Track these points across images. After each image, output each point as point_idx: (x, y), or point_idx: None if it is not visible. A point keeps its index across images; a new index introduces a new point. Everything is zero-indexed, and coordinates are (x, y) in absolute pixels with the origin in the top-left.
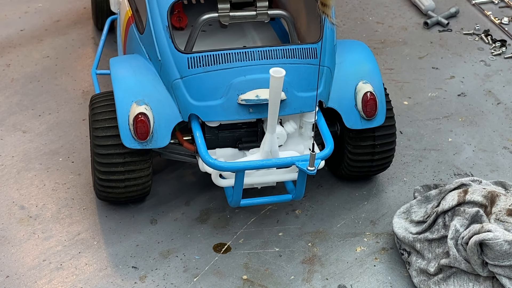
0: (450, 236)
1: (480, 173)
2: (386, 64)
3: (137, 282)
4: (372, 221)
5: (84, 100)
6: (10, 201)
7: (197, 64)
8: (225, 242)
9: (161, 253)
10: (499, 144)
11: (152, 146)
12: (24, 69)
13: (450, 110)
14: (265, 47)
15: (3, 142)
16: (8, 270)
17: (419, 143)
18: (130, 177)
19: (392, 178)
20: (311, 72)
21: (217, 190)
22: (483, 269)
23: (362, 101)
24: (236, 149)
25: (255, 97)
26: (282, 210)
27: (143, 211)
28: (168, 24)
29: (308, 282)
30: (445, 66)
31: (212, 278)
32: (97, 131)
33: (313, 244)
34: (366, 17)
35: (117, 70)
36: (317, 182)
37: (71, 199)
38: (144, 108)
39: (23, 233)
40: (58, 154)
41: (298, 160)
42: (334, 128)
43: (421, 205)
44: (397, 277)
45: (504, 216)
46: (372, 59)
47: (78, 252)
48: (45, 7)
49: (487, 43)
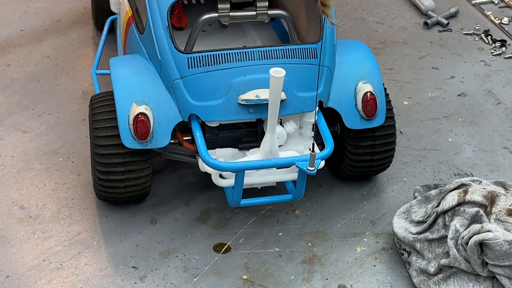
0: (450, 236)
1: (480, 173)
2: (386, 64)
3: (137, 282)
4: (372, 221)
5: (84, 100)
6: (10, 201)
7: (197, 64)
8: (225, 242)
9: (161, 253)
10: (499, 144)
11: (152, 146)
12: (24, 69)
13: (450, 110)
14: (265, 47)
15: (3, 142)
16: (8, 270)
17: (419, 143)
18: (130, 177)
19: (392, 178)
20: (311, 72)
21: (217, 190)
22: (483, 269)
23: (362, 101)
24: (236, 149)
25: (255, 97)
26: (282, 210)
27: (143, 211)
28: (168, 24)
29: (308, 282)
30: (445, 66)
31: (212, 278)
32: (97, 131)
33: (313, 244)
34: (366, 17)
35: (117, 70)
36: (317, 182)
37: (71, 199)
38: (144, 108)
39: (23, 233)
40: (58, 154)
41: (298, 160)
42: (334, 128)
43: (421, 205)
44: (397, 277)
45: (504, 216)
46: (372, 59)
47: (78, 252)
48: (45, 7)
49: (487, 43)
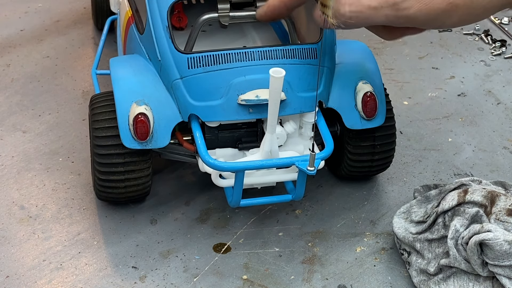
0: (450, 236)
1: (480, 173)
2: (386, 64)
3: (137, 282)
4: (372, 221)
5: (84, 100)
6: (10, 201)
7: (197, 64)
8: (225, 242)
9: (161, 253)
10: (499, 144)
11: (152, 146)
12: (24, 69)
13: (450, 110)
14: (265, 47)
15: (3, 142)
16: (8, 270)
17: (419, 143)
18: (130, 177)
19: (392, 178)
20: (311, 72)
21: (217, 190)
22: (483, 269)
23: (362, 101)
24: (236, 149)
25: (255, 97)
26: (282, 210)
27: (143, 211)
28: (168, 24)
29: (308, 282)
30: (445, 66)
31: (212, 278)
32: (97, 131)
33: (313, 244)
34: None
35: (117, 70)
36: (317, 182)
37: (71, 199)
38: (144, 108)
39: (23, 233)
40: (58, 154)
41: (298, 160)
42: (334, 128)
43: (421, 205)
44: (397, 277)
45: (504, 216)
46: (372, 59)
47: (78, 252)
48: (45, 7)
49: (487, 43)
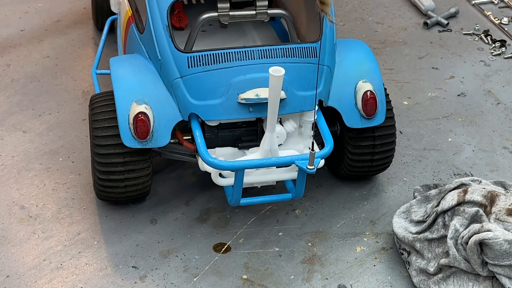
0: (450, 236)
1: (480, 173)
2: (386, 64)
3: (137, 282)
4: (372, 221)
5: (84, 100)
6: (10, 201)
7: (197, 63)
8: (225, 242)
9: (161, 253)
10: (499, 144)
11: (152, 145)
12: (24, 69)
13: (450, 110)
14: (265, 46)
15: (3, 142)
16: (8, 270)
17: (419, 143)
18: (130, 177)
19: (392, 178)
20: (311, 71)
21: (217, 189)
22: (483, 269)
23: (362, 100)
24: (236, 148)
25: (255, 96)
26: (282, 210)
27: (143, 211)
28: (168, 24)
29: (308, 282)
30: (445, 66)
31: (212, 278)
32: (97, 131)
33: (313, 244)
34: (366, 17)
35: (117, 69)
36: (317, 182)
37: (71, 199)
38: (144, 108)
39: (23, 233)
40: (58, 154)
41: (298, 159)
42: (334, 127)
43: (421, 205)
44: (397, 277)
45: (504, 215)
46: (372, 58)
47: (78, 252)
48: (45, 7)
49: (487, 43)
